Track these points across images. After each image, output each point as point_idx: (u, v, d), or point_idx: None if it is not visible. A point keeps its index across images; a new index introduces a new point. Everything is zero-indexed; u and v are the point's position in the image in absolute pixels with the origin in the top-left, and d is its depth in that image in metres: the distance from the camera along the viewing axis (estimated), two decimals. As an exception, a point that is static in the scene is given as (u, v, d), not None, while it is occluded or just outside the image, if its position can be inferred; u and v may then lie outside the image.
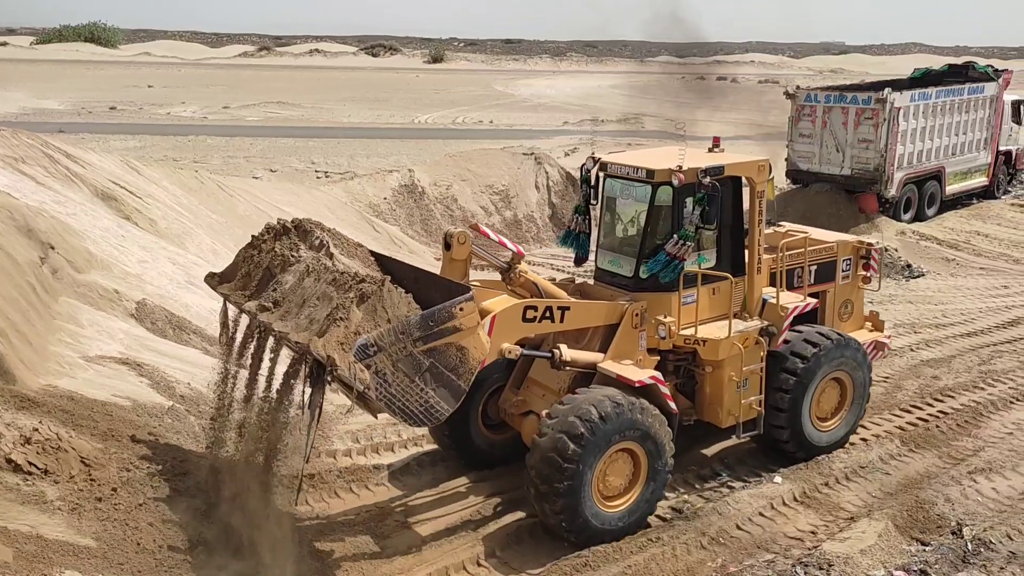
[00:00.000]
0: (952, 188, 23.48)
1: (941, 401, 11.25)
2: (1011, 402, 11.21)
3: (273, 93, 57.20)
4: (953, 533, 8.09)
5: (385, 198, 20.73)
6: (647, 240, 8.81)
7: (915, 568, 7.51)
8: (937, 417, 10.76)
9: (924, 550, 7.87)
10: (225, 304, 7.96)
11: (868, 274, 10.64)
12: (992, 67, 24.92)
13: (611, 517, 8.03)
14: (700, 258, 8.78)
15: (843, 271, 10.41)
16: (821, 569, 7.48)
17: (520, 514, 8.48)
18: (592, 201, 9.55)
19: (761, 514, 8.50)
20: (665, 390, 8.39)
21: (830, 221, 21.17)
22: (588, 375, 8.46)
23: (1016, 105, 25.04)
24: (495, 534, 8.13)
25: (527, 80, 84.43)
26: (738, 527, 8.27)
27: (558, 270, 18.16)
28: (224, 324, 8.04)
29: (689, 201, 8.56)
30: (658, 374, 8.47)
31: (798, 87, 23.75)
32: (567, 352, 8.25)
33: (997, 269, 18.91)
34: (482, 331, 7.08)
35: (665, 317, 8.66)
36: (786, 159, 23.21)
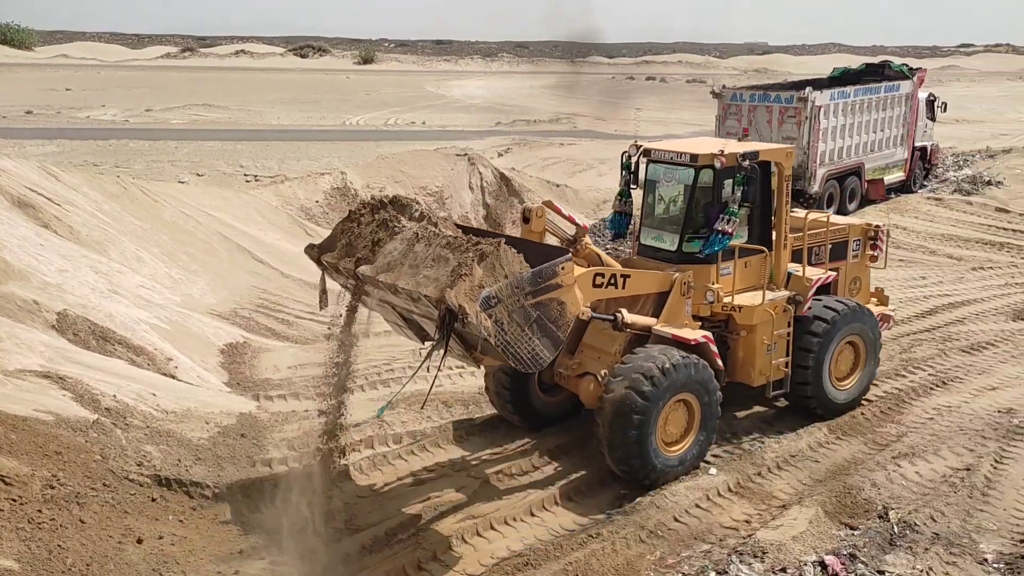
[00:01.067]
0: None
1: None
2: (931, 388, 11.66)
3: (198, 95, 55.84)
4: (880, 517, 8.38)
5: (317, 201, 20.45)
6: (689, 217, 9.86)
7: (844, 552, 7.74)
8: (862, 405, 11.11)
9: (853, 534, 8.13)
10: (324, 274, 8.63)
11: (875, 253, 11.71)
12: (907, 66, 25.87)
13: (672, 460, 9.06)
14: (735, 235, 9.79)
15: (853, 251, 11.52)
16: (756, 557, 7.66)
17: (460, 516, 8.45)
18: (632, 185, 10.56)
19: (697, 506, 8.65)
20: (714, 348, 9.42)
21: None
22: (640, 338, 9.37)
23: (930, 102, 26.04)
24: (435, 538, 8.08)
25: (459, 81, 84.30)
26: (676, 519, 8.40)
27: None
28: (323, 292, 8.69)
29: (728, 183, 9.62)
30: (709, 334, 9.48)
31: (724, 87, 24.26)
32: (628, 316, 9.12)
33: (915, 261, 19.66)
34: (577, 289, 7.85)
35: (713, 284, 9.70)
36: (714, 157, 23.65)
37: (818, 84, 23.63)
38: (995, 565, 7.64)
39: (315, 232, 18.93)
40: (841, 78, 25.55)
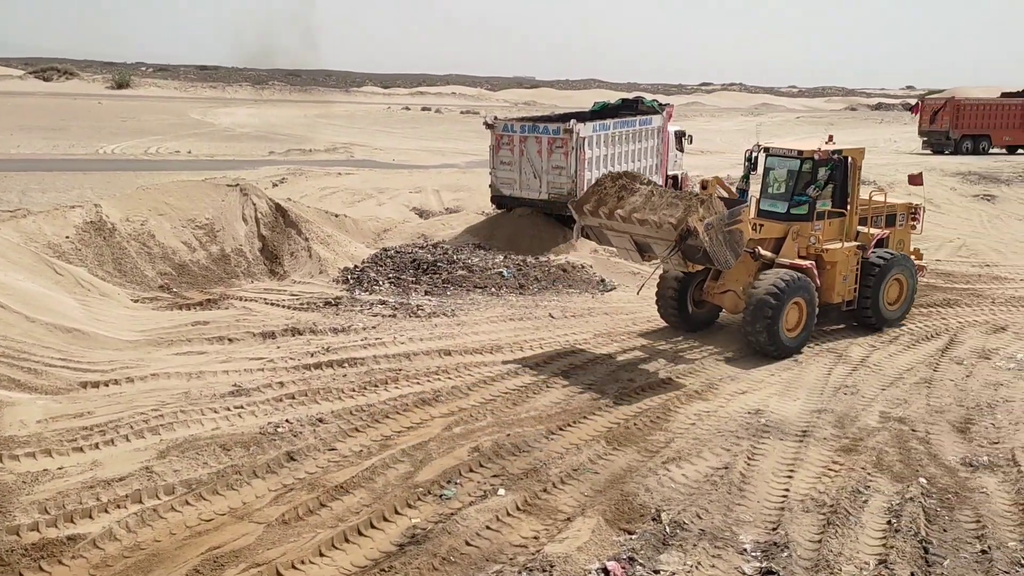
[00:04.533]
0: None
1: (637, 401, 12.42)
2: (692, 395, 12.69)
3: (-83, 120, 49.15)
4: (654, 519, 8.94)
5: (68, 237, 18.61)
6: (795, 191, 15.17)
7: (624, 556, 8.19)
8: (634, 416, 11.86)
9: (631, 539, 8.60)
10: (580, 219, 13.95)
11: (915, 224, 17.17)
12: (657, 101, 28.17)
13: (791, 340, 14.36)
14: (823, 204, 15.13)
15: (900, 221, 16.88)
16: (544, 571, 7.89)
17: (243, 566, 7.97)
18: (752, 172, 15.93)
19: (488, 527, 8.76)
20: (815, 272, 14.82)
21: (532, 243, 22.64)
22: (764, 266, 14.70)
23: (679, 136, 28.54)
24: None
25: (227, 109, 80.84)
26: (467, 543, 8.45)
27: (272, 304, 17.52)
28: (579, 230, 14.62)
29: (822, 170, 15.00)
30: (813, 262, 14.90)
31: (496, 118, 25.15)
32: (762, 251, 14.65)
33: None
34: (748, 225, 13.05)
35: (816, 232, 15.10)
36: (490, 185, 24.45)
37: (581, 117, 25.13)
38: (753, 554, 8.41)
39: (66, 270, 17.19)
40: (601, 111, 27.32)
